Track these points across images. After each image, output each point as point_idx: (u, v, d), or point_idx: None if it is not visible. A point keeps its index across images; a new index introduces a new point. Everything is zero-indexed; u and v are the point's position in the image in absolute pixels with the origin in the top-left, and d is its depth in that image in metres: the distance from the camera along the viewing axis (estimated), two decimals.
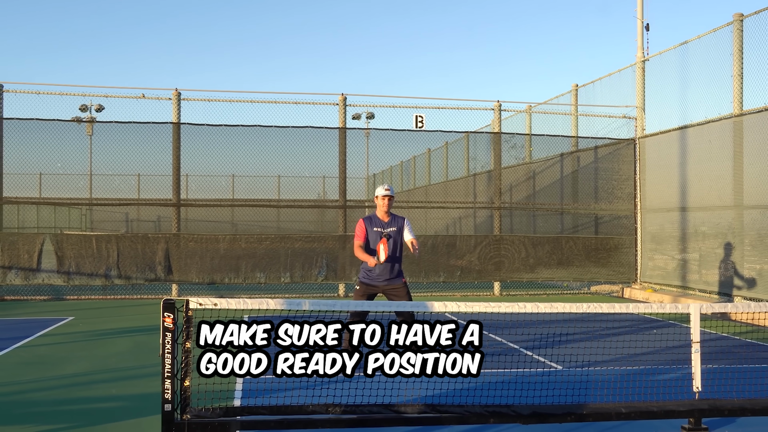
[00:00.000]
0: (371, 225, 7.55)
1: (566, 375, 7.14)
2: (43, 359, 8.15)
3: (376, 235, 7.47)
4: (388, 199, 7.60)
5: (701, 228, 13.98)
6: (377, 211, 7.68)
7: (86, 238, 14.41)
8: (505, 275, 15.70)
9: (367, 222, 7.59)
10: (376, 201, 7.67)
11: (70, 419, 5.67)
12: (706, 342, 9.26)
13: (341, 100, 15.20)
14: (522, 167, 18.84)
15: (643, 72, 16.14)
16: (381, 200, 7.61)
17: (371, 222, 7.58)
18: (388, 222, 7.59)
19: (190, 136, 14.69)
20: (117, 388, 6.78)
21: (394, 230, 7.57)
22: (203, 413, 5.01)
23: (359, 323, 4.96)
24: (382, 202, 7.60)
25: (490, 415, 5.22)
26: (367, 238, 7.51)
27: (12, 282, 13.88)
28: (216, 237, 14.65)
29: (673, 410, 5.43)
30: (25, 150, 14.29)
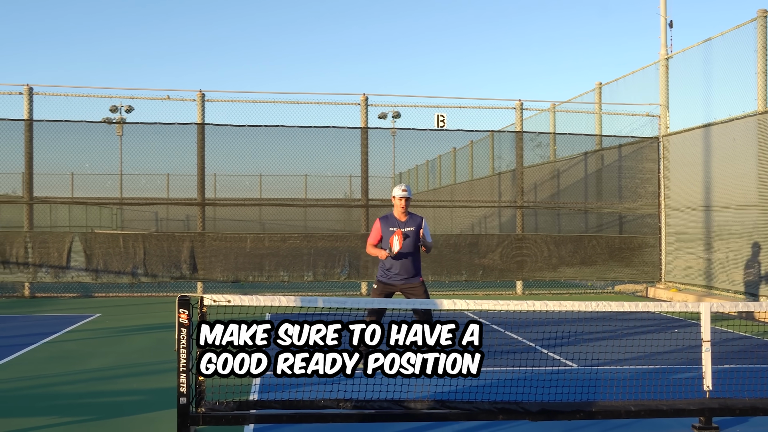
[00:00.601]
0: (387, 224, 7.62)
1: (578, 373, 7.17)
2: (69, 354, 8.39)
3: (392, 235, 7.55)
4: (405, 200, 7.64)
5: (726, 227, 13.84)
6: (394, 210, 7.74)
7: (114, 237, 14.72)
8: (527, 274, 15.69)
9: (383, 222, 7.66)
10: (393, 201, 7.74)
11: (90, 412, 5.86)
12: (725, 342, 9.22)
13: (363, 100, 15.31)
14: (546, 166, 18.78)
15: (666, 70, 16.01)
16: (398, 201, 7.66)
17: (387, 221, 7.65)
18: (405, 222, 7.65)
19: (216, 137, 14.93)
20: (138, 382, 6.96)
21: (411, 229, 7.63)
22: (217, 407, 5.15)
23: (375, 323, 5.04)
24: (399, 203, 7.65)
25: (499, 412, 5.29)
26: (382, 239, 7.60)
27: (42, 280, 14.22)
28: (240, 236, 14.86)
29: (683, 409, 5.45)
30: (55, 151, 14.65)
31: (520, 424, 5.50)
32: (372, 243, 7.62)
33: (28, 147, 14.28)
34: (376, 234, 7.64)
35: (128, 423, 5.55)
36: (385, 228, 7.60)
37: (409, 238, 7.54)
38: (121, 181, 16.71)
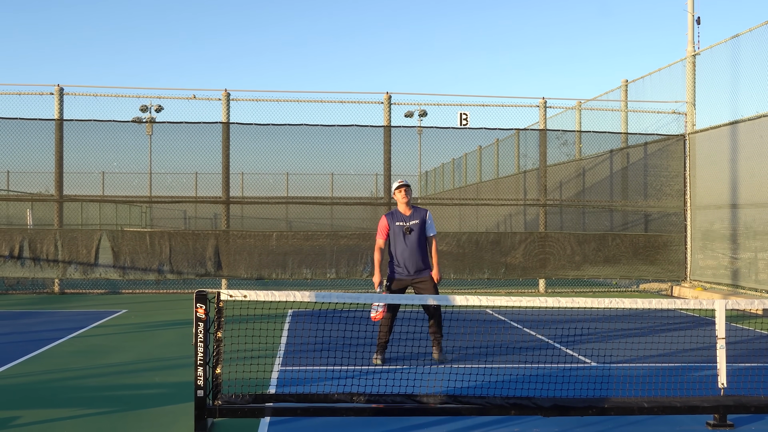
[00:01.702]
0: (393, 220, 7.74)
1: (593, 370, 7.17)
2: (95, 348, 8.59)
3: (399, 229, 7.67)
4: (404, 190, 7.72)
5: (753, 225, 13.67)
6: (398, 205, 7.85)
7: (140, 235, 14.98)
8: (550, 272, 15.64)
9: (389, 217, 7.78)
10: (395, 197, 7.83)
11: (112, 404, 6.01)
12: (744, 340, 9.14)
13: (386, 98, 15.39)
14: (571, 164, 18.69)
15: (693, 67, 15.85)
16: (398, 193, 7.76)
17: (393, 217, 7.77)
18: (410, 215, 7.76)
19: (243, 136, 15.12)
20: (160, 376, 7.12)
21: (416, 222, 7.72)
22: (234, 399, 5.26)
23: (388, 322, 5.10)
24: (399, 194, 7.74)
25: (511, 407, 5.33)
26: (389, 234, 7.72)
27: (71, 276, 14.53)
28: (264, 234, 15.03)
29: (697, 406, 5.44)
30: (84, 150, 14.95)
31: (533, 419, 5.54)
32: (379, 245, 7.73)
33: (59, 146, 14.60)
34: (383, 231, 7.75)
35: (149, 415, 5.69)
36: (392, 223, 7.72)
37: (414, 231, 7.63)
38: (150, 179, 17.04)
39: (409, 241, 7.60)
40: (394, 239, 7.70)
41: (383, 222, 7.79)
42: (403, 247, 7.66)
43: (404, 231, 7.61)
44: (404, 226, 7.64)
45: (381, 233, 7.77)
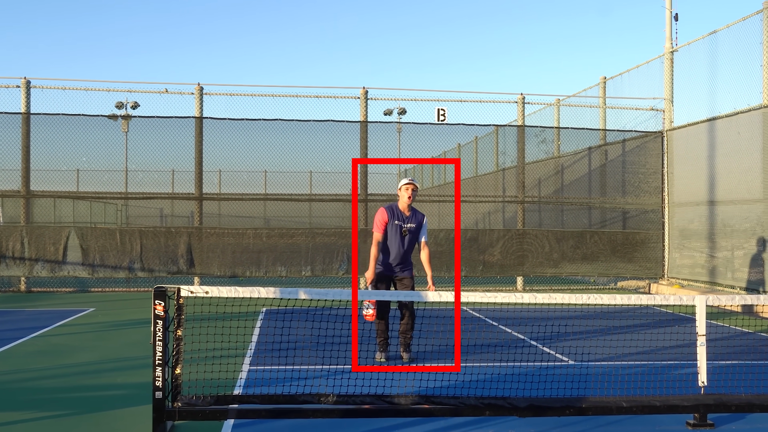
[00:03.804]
0: (393, 216, 7.49)
1: (569, 369, 6.99)
2: (57, 348, 8.27)
3: (397, 228, 7.45)
4: (412, 190, 7.50)
5: (730, 222, 13.62)
6: (399, 202, 7.60)
7: (110, 232, 14.61)
8: (528, 270, 15.50)
9: (389, 212, 7.52)
10: (399, 193, 7.58)
11: (69, 407, 5.72)
12: (724, 338, 9.03)
13: (362, 93, 15.15)
14: (550, 161, 18.58)
15: (671, 63, 15.78)
16: (404, 191, 7.50)
17: (393, 213, 7.52)
18: (409, 217, 7.56)
19: (218, 132, 14.79)
20: (122, 377, 6.83)
21: (413, 226, 7.53)
22: (194, 401, 5.00)
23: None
24: (406, 193, 7.50)
25: (485, 408, 5.13)
26: (386, 229, 7.46)
27: (38, 274, 14.13)
28: (237, 231, 14.73)
29: (677, 405, 5.27)
30: (54, 145, 14.53)
31: (508, 420, 5.34)
32: (379, 234, 7.45)
33: (25, 141, 14.20)
34: (382, 224, 7.47)
35: (105, 418, 5.42)
36: (391, 218, 7.48)
37: (410, 234, 7.48)
38: (126, 177, 16.60)
39: (405, 242, 7.45)
40: (389, 236, 7.47)
41: (382, 215, 7.50)
42: (398, 247, 7.46)
43: (402, 232, 7.42)
44: (403, 227, 7.44)
45: (379, 227, 7.48)
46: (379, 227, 7.48)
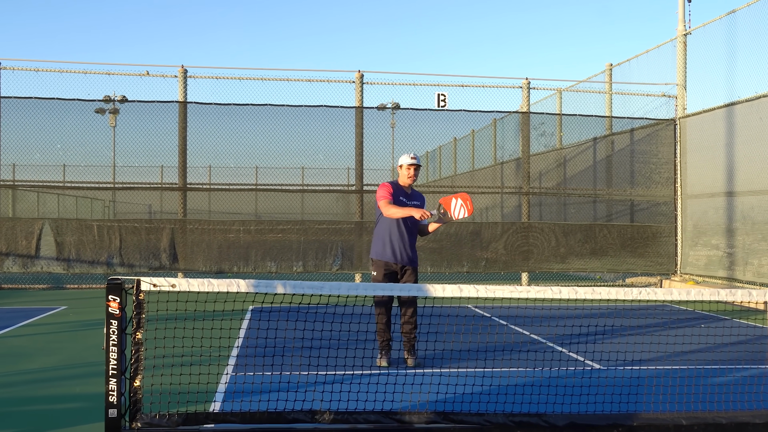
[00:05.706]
0: (396, 191, 6.63)
1: (608, 376, 6.04)
2: (14, 351, 7.29)
3: (400, 204, 6.56)
4: (414, 168, 6.71)
5: (750, 213, 12.74)
6: (400, 179, 6.76)
7: (87, 225, 13.58)
8: (533, 265, 14.59)
9: (394, 186, 6.68)
10: (400, 170, 6.75)
11: (14, 424, 4.76)
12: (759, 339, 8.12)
13: (358, 77, 14.19)
14: (552, 153, 17.67)
15: (684, 47, 14.89)
16: (406, 169, 6.71)
17: (396, 188, 6.67)
18: (410, 195, 6.76)
19: (202, 117, 13.80)
20: (81, 386, 5.87)
21: (417, 204, 6.71)
22: (158, 420, 4.05)
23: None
24: (407, 171, 6.69)
25: (517, 426, 4.21)
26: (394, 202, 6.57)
27: (9, 270, 13.12)
28: (224, 224, 13.75)
29: (747, 423, 4.36)
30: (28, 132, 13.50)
31: None
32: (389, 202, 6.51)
33: None
34: (389, 194, 6.56)
35: None
36: (395, 192, 6.59)
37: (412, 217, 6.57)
38: (114, 170, 15.54)
39: (408, 223, 6.55)
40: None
41: (387, 188, 6.64)
42: (401, 229, 6.56)
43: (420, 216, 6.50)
44: (406, 204, 6.59)
45: (387, 195, 6.58)
46: (386, 196, 6.56)
